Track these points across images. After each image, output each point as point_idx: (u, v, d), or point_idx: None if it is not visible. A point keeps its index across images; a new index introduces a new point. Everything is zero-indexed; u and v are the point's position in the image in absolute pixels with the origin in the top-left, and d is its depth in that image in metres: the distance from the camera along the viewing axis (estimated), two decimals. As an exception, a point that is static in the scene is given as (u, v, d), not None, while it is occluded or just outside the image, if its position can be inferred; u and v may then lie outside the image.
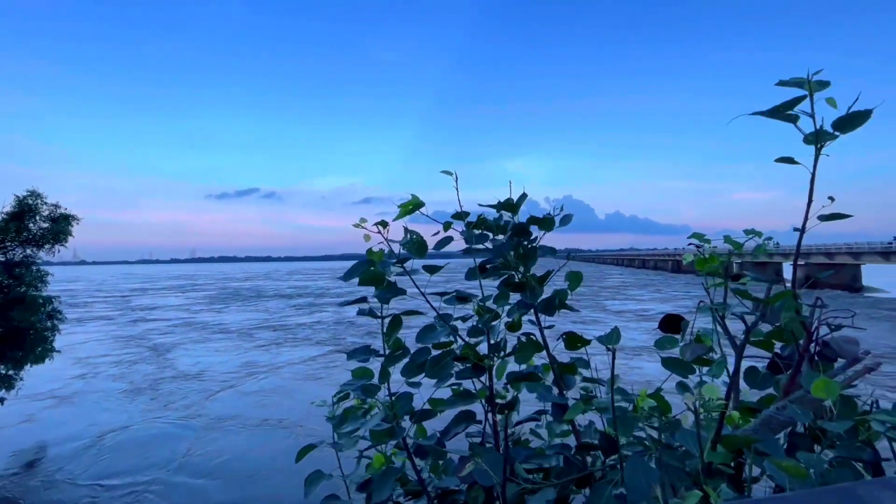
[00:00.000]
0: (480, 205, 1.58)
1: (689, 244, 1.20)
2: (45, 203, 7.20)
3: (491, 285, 1.53)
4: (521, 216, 1.57)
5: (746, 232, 1.14)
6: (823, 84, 0.96)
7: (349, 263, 1.41)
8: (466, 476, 1.03)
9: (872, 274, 47.21)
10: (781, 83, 1.02)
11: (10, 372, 7.87)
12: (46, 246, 7.16)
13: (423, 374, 1.31)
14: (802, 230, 1.08)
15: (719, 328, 1.15)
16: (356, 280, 1.28)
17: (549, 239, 1.59)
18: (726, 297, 1.16)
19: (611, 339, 1.07)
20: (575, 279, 1.52)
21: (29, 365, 8.09)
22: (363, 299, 1.32)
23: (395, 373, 1.41)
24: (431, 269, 1.33)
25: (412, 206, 1.39)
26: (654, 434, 1.18)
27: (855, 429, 0.92)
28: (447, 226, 1.47)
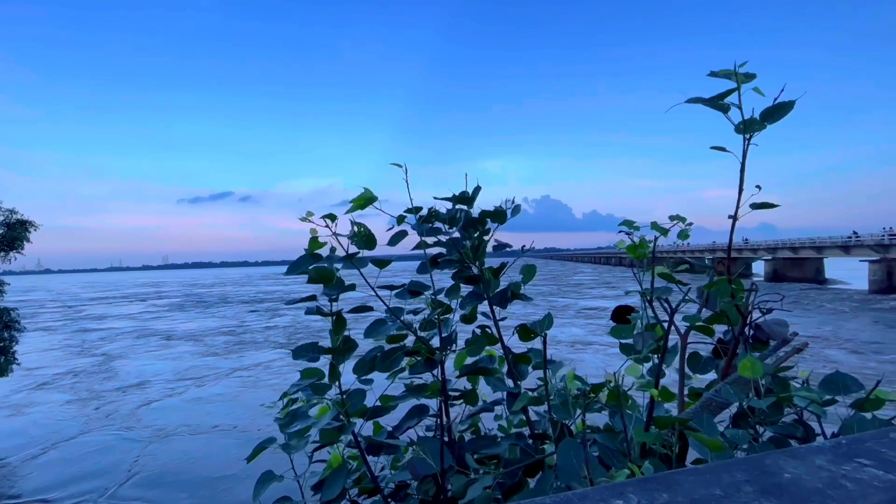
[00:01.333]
0: (435, 198, 1.57)
1: (620, 231, 1.22)
2: (0, 209, 6.86)
3: (445, 278, 1.53)
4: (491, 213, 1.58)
5: (671, 217, 1.17)
6: (750, 76, 0.99)
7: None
8: (410, 467, 1.02)
9: (835, 267, 49.36)
10: (712, 74, 1.05)
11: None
12: (1, 254, 6.83)
13: (375, 370, 1.29)
14: (734, 218, 1.11)
15: (651, 313, 1.18)
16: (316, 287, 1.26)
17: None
18: (653, 282, 1.18)
19: (542, 326, 1.08)
20: (528, 272, 1.53)
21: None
22: (312, 297, 1.30)
23: (348, 372, 1.39)
24: (380, 264, 1.32)
25: (364, 200, 1.37)
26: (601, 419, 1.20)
27: (781, 406, 0.96)
28: (400, 219, 1.47)
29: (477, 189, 1.56)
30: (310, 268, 1.23)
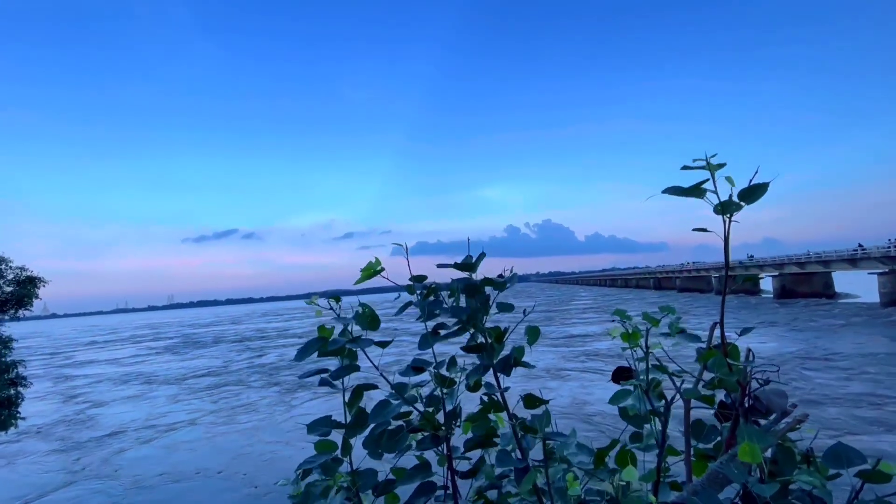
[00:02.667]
0: (439, 265, 1.62)
1: (613, 320, 1.26)
2: (11, 267, 7.00)
3: (448, 348, 1.56)
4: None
5: (661, 309, 1.21)
6: (720, 165, 1.05)
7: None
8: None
9: (844, 280, 48.81)
10: (685, 168, 1.11)
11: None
12: (10, 311, 6.91)
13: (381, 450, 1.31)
14: (725, 293, 1.15)
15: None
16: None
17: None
18: (648, 368, 1.21)
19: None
20: (533, 334, 1.56)
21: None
22: (324, 370, 1.33)
23: (359, 443, 1.41)
24: (382, 344, 1.35)
25: (371, 272, 1.42)
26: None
27: (787, 487, 0.96)
28: (410, 289, 1.51)
29: (480, 256, 1.61)
30: (318, 350, 1.27)
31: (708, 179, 1.04)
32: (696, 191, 1.07)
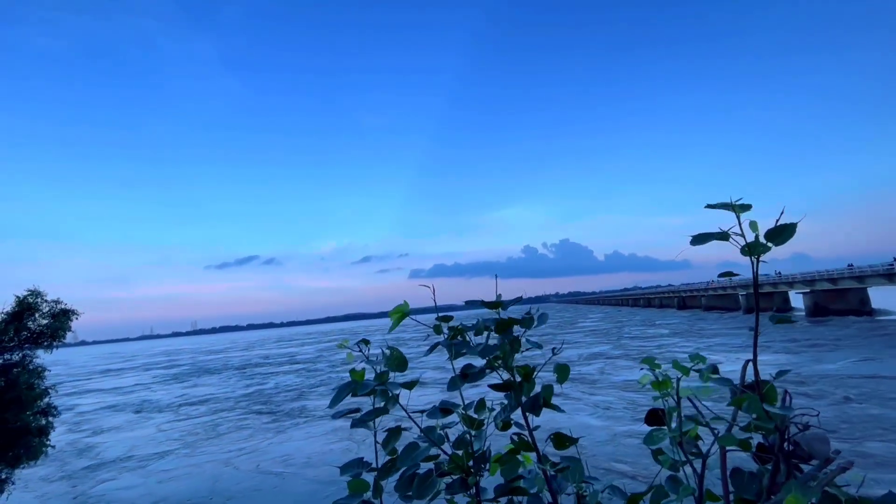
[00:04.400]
0: (467, 302, 1.64)
1: (641, 368, 1.25)
2: (45, 300, 7.30)
3: (475, 389, 1.56)
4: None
5: (691, 358, 1.20)
6: (746, 207, 1.06)
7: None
8: None
9: (880, 296, 46.65)
10: (709, 206, 1.11)
11: (3, 475, 7.58)
12: (45, 343, 7.17)
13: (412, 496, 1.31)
14: (756, 331, 1.13)
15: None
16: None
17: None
18: (681, 422, 1.19)
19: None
20: (562, 372, 1.55)
21: (25, 464, 7.82)
22: (356, 410, 1.35)
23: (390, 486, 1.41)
24: (409, 386, 1.36)
25: (400, 314, 1.44)
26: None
27: (834, 542, 0.92)
28: (437, 329, 1.53)
29: (517, 300, 1.62)
30: (349, 392, 1.29)
31: (734, 225, 1.04)
32: (723, 236, 1.07)
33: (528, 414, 1.54)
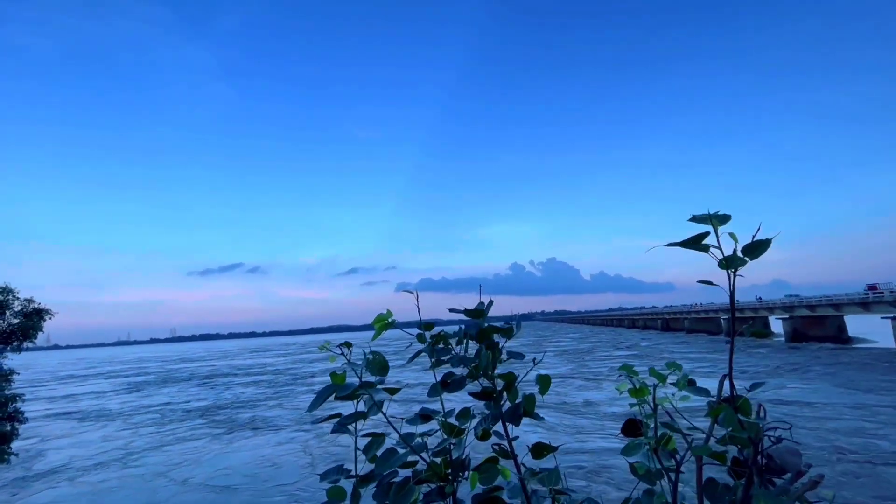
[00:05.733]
0: (451, 310, 1.64)
1: (619, 376, 1.27)
2: (17, 298, 7.06)
3: (455, 398, 1.56)
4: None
5: (668, 365, 1.22)
6: (724, 218, 1.09)
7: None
8: None
9: (856, 324, 47.74)
10: (693, 219, 1.15)
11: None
12: (14, 343, 6.91)
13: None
14: (732, 346, 1.16)
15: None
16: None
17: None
18: (657, 425, 1.20)
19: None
20: (544, 382, 1.55)
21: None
22: (337, 415, 1.33)
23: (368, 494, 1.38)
24: (391, 391, 1.36)
25: (384, 324, 1.44)
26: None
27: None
28: (421, 338, 1.53)
29: (490, 303, 1.63)
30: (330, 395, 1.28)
31: (709, 233, 1.08)
32: (699, 245, 1.10)
33: (507, 424, 1.54)
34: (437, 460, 1.37)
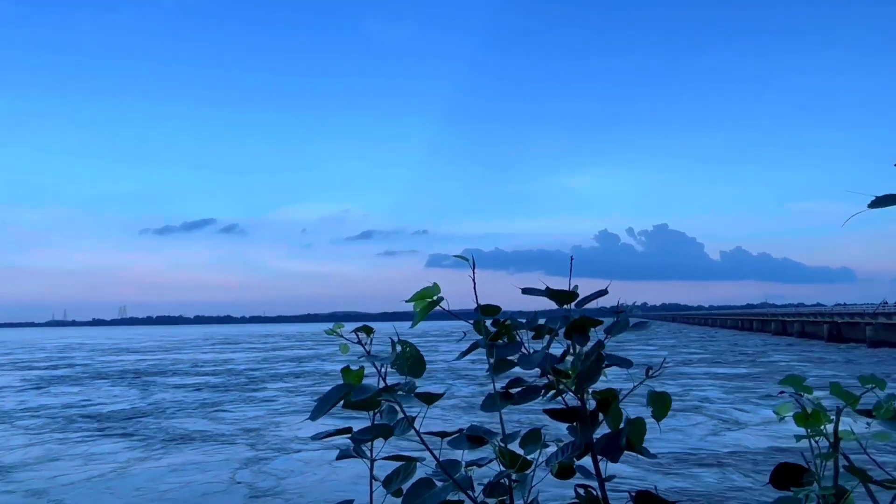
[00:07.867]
0: (525, 290, 1.20)
1: (780, 393, 0.75)
2: None
3: (519, 414, 1.12)
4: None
5: (862, 380, 0.66)
6: None
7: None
8: None
9: None
10: (875, 204, 0.59)
11: None
12: None
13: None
14: None
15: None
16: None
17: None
18: (837, 470, 0.65)
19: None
20: (660, 404, 1.05)
21: None
22: (347, 430, 1.01)
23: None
24: (429, 398, 0.98)
25: (425, 303, 1.06)
26: None
27: None
28: (478, 326, 1.12)
29: (575, 289, 1.16)
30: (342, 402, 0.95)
31: None
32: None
33: (599, 458, 1.06)
34: (492, 502, 0.96)
